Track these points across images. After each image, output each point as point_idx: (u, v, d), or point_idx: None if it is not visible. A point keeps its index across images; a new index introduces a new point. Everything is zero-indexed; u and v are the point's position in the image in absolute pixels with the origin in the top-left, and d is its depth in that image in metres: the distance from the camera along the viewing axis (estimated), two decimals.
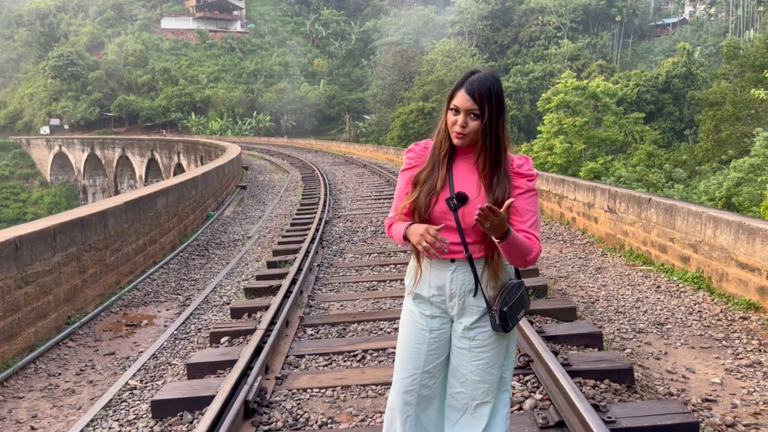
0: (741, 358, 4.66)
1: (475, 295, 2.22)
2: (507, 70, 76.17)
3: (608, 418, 3.13)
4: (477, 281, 2.21)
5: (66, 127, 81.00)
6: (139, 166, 47.91)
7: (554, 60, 72.70)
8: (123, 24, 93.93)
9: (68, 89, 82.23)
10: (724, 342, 5.00)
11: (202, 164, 28.02)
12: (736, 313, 5.59)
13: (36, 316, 5.53)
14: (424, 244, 2.11)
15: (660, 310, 5.83)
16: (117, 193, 53.30)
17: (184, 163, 35.77)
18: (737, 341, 4.99)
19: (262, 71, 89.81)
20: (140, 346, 5.68)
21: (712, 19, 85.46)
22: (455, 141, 2.17)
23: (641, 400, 3.60)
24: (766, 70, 32.61)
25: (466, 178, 2.22)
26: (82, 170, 61.85)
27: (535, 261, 2.20)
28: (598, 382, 3.76)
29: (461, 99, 2.14)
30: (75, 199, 63.08)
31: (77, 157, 62.28)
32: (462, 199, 2.17)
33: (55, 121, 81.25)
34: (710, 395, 4.05)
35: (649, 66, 71.03)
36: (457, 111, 2.15)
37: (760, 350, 4.80)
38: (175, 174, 36.95)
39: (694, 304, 5.94)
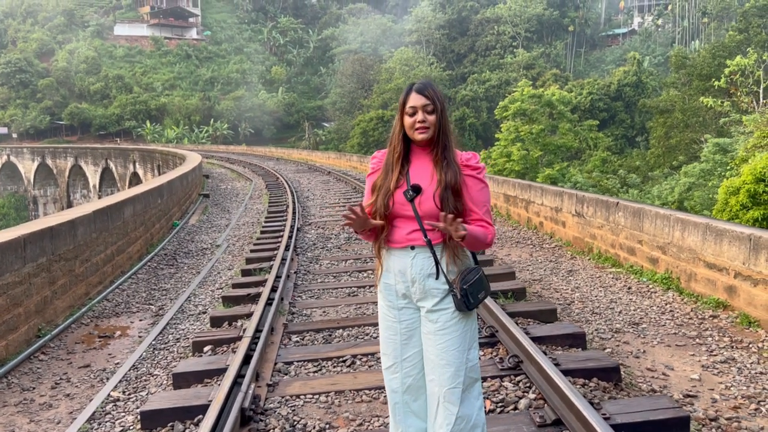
0: (715, 355, 4.83)
1: (437, 278, 2.42)
2: (464, 78, 77.15)
3: (603, 414, 3.21)
4: (437, 264, 2.42)
5: (14, 135, 78.35)
6: (93, 175, 46.67)
7: (510, 69, 73.95)
8: (74, 30, 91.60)
9: (17, 97, 79.64)
10: (697, 340, 5.17)
11: (159, 173, 27.49)
12: (706, 312, 5.79)
13: (6, 329, 5.35)
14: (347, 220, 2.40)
15: (634, 310, 5.99)
16: (70, 203, 51.80)
17: (140, 172, 35.02)
18: (710, 339, 5.17)
19: (219, 79, 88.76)
20: (116, 357, 5.54)
21: (659, 29, 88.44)
22: (420, 136, 2.43)
23: (630, 397, 3.70)
24: (713, 79, 33.86)
25: (421, 171, 2.46)
26: (32, 180, 59.84)
27: (492, 244, 2.52)
28: (587, 381, 3.85)
29: (415, 99, 2.43)
30: (25, 210, 60.97)
31: (27, 167, 60.26)
32: (416, 189, 2.41)
33: (2, 130, 78.50)
34: (691, 391, 4.19)
35: (602, 75, 72.95)
36: (414, 112, 2.42)
37: (732, 347, 4.99)
38: (131, 183, 36.13)
39: (666, 304, 6.13)
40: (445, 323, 2.43)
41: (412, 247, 2.45)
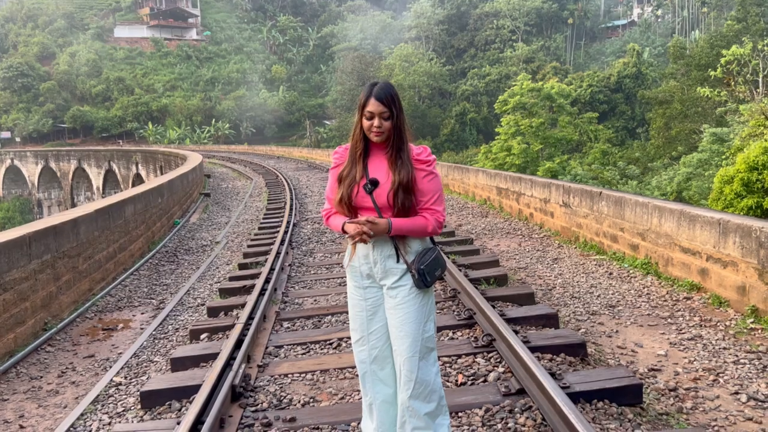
0: (684, 333, 5.10)
1: (397, 261, 2.71)
2: (464, 73, 77.37)
3: (563, 384, 3.49)
4: (397, 248, 2.72)
5: (18, 139, 78.90)
6: (96, 177, 47.08)
7: (510, 63, 74.13)
8: (75, 34, 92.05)
9: (19, 101, 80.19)
10: (669, 320, 5.44)
11: (161, 174, 27.82)
12: (681, 294, 6.06)
13: (15, 323, 5.65)
14: (356, 236, 2.66)
15: (612, 294, 6.27)
16: (74, 205, 52.20)
17: (143, 173, 35.39)
18: (681, 318, 5.44)
19: (219, 79, 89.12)
20: (119, 348, 5.84)
21: (659, 20, 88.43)
22: (375, 138, 2.68)
23: (592, 369, 3.98)
24: (710, 69, 33.97)
25: (379, 168, 2.72)
26: (36, 183, 60.32)
27: (439, 231, 2.74)
28: (554, 356, 4.13)
29: (373, 105, 2.65)
30: (29, 213, 61.43)
31: (31, 170, 60.73)
32: (374, 183, 2.68)
33: (5, 134, 79.05)
34: (656, 365, 4.46)
35: (601, 67, 73.04)
36: (371, 116, 2.66)
37: (701, 325, 5.26)
38: (134, 184, 36.48)
39: (643, 288, 6.40)
40: (403, 298, 2.70)
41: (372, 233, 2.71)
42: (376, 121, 2.65)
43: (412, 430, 2.70)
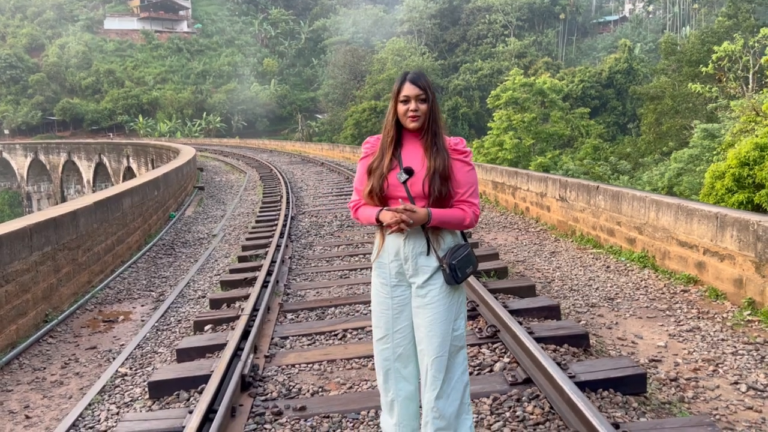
0: (682, 325, 5.18)
1: (428, 254, 2.62)
2: (456, 68, 77.35)
3: (569, 373, 3.56)
4: (428, 242, 2.62)
5: (6, 132, 78.21)
6: (87, 170, 46.75)
7: (502, 57, 74.21)
8: (64, 25, 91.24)
9: (7, 93, 79.49)
10: (667, 312, 5.52)
11: (153, 167, 27.69)
12: (678, 287, 6.14)
13: (17, 314, 5.65)
14: (393, 225, 2.55)
15: (610, 287, 6.34)
16: (64, 198, 51.84)
17: (134, 166, 35.19)
18: (679, 311, 5.52)
19: (210, 72, 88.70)
20: (121, 339, 5.85)
21: (650, 16, 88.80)
22: (412, 124, 2.61)
23: (596, 359, 4.05)
24: (701, 65, 34.18)
25: (413, 156, 2.64)
26: (25, 176, 59.83)
27: (474, 224, 2.68)
28: (558, 347, 4.19)
29: (409, 89, 2.60)
30: (18, 206, 60.99)
31: (20, 163, 60.22)
32: (409, 172, 2.59)
33: None
34: (656, 356, 4.54)
35: (593, 62, 73.31)
36: (407, 100, 2.60)
37: (698, 317, 5.34)
38: (125, 178, 36.28)
39: (641, 281, 6.48)
40: (433, 297, 2.63)
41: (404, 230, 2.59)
42: (412, 105, 2.60)
43: (435, 431, 2.67)
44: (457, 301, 2.69)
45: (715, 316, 5.34)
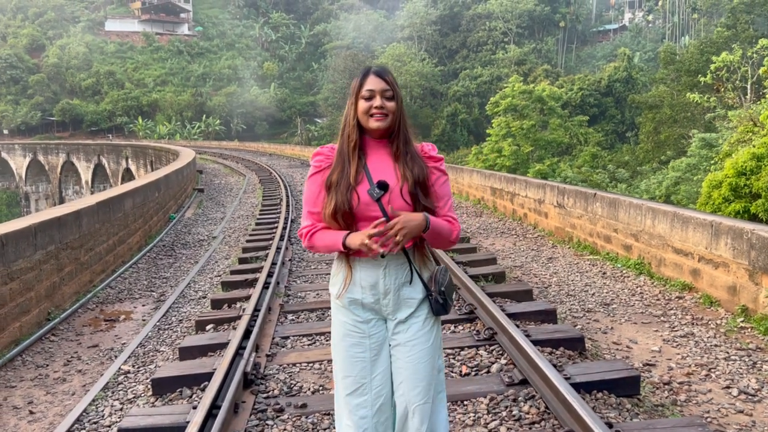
0: (677, 331, 5.27)
1: (411, 283, 2.21)
2: (456, 74, 77.60)
3: (565, 375, 3.64)
4: (413, 269, 2.21)
5: (5, 132, 78.21)
6: (85, 171, 46.79)
7: (501, 64, 74.46)
8: (65, 26, 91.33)
9: (7, 93, 79.50)
10: (662, 318, 5.62)
11: (152, 169, 27.76)
12: (673, 293, 6.24)
13: (20, 312, 5.73)
14: (369, 243, 2.06)
15: (606, 293, 6.44)
16: (62, 199, 51.87)
17: (132, 168, 35.26)
18: (673, 317, 5.62)
19: (210, 75, 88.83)
20: (122, 338, 5.92)
21: (650, 25, 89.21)
22: (376, 124, 2.16)
23: (591, 361, 4.14)
24: (700, 75, 34.39)
25: (382, 166, 2.20)
26: (23, 176, 59.84)
27: (457, 240, 2.28)
28: (554, 350, 4.28)
29: (374, 82, 2.17)
30: (17, 206, 60.96)
31: (18, 163, 60.24)
32: (383, 186, 2.13)
33: None
34: (650, 360, 4.63)
35: (592, 70, 73.56)
36: (371, 96, 2.16)
37: (692, 323, 5.43)
38: (123, 179, 36.34)
39: (636, 287, 6.58)
40: (416, 332, 2.23)
41: (383, 255, 2.14)
42: (377, 101, 2.15)
43: None
44: (438, 334, 2.30)
45: (709, 322, 5.43)
